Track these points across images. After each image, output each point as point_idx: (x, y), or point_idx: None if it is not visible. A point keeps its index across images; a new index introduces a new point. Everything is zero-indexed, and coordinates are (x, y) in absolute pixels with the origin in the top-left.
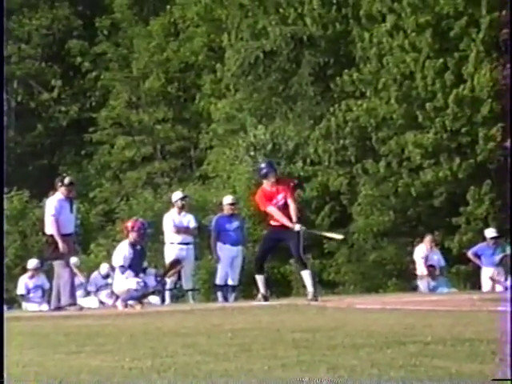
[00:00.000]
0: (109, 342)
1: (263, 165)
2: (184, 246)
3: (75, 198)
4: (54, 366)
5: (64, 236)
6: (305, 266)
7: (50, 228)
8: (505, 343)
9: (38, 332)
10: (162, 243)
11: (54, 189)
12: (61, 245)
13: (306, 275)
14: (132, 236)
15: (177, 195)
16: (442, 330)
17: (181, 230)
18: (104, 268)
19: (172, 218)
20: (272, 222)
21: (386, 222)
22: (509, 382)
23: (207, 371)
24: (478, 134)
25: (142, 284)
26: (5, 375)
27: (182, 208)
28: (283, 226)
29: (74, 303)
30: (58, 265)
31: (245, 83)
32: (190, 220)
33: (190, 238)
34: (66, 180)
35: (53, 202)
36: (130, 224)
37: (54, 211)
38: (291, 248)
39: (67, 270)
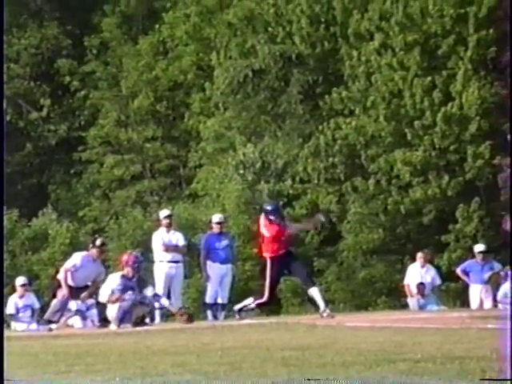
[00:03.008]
0: (98, 361)
1: (269, 208)
2: (173, 264)
3: (106, 258)
4: None
5: (72, 288)
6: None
7: (60, 275)
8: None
9: (27, 352)
10: (152, 262)
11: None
12: (65, 291)
13: (315, 292)
14: (127, 270)
15: (163, 213)
16: (431, 348)
17: (170, 248)
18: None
19: (161, 237)
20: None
21: (375, 239)
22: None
23: None
24: (467, 152)
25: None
26: (5, 375)
27: (168, 226)
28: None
29: (52, 321)
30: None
31: (234, 102)
32: (178, 238)
33: (179, 256)
34: (98, 242)
35: (76, 259)
36: (124, 258)
37: (72, 266)
38: (297, 271)
39: (61, 300)
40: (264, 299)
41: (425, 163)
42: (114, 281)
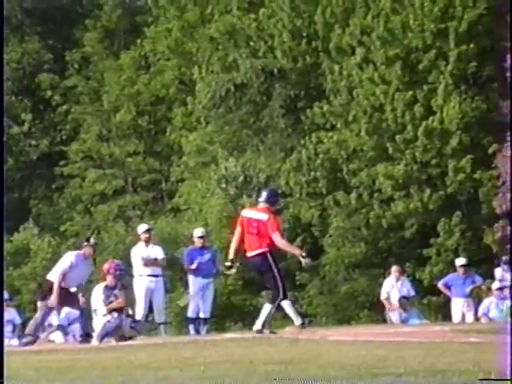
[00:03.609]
0: (80, 376)
1: (273, 194)
2: (153, 279)
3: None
4: None
5: (64, 290)
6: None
7: (54, 277)
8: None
9: (8, 367)
10: (132, 276)
11: (76, 248)
12: (53, 297)
13: (285, 305)
14: (108, 279)
15: (141, 228)
16: (414, 362)
17: (149, 262)
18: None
19: (140, 251)
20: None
21: (357, 253)
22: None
23: None
24: (448, 166)
25: (116, 319)
26: (5, 375)
27: (147, 240)
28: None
29: (32, 336)
30: (40, 304)
31: (216, 116)
32: (157, 252)
33: (159, 270)
34: (92, 240)
35: (70, 258)
36: (105, 267)
37: (68, 266)
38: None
39: (43, 311)
40: (281, 295)
41: (406, 177)
42: (98, 293)
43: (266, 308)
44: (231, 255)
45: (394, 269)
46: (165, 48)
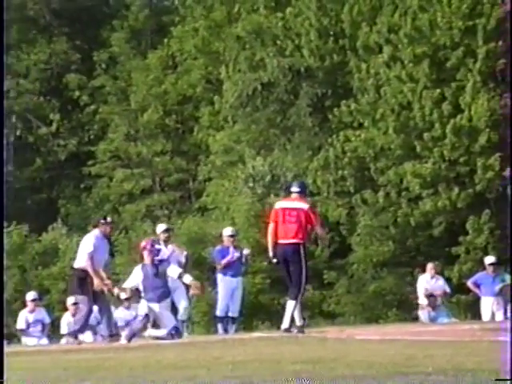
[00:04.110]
0: (109, 375)
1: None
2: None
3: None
4: None
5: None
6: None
7: (83, 263)
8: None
9: (37, 367)
10: None
11: (93, 226)
12: (96, 281)
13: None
14: (146, 257)
15: (160, 228)
16: (443, 361)
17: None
18: None
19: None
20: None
21: (385, 252)
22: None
23: None
24: (477, 164)
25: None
26: (5, 375)
27: (166, 241)
28: None
29: (75, 336)
30: (81, 300)
31: (243, 115)
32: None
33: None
34: (109, 218)
35: (91, 239)
36: (142, 244)
37: (92, 248)
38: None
39: (87, 306)
40: (302, 291)
41: (434, 175)
42: (136, 275)
43: (290, 305)
44: (271, 250)
45: (430, 266)
46: (192, 47)
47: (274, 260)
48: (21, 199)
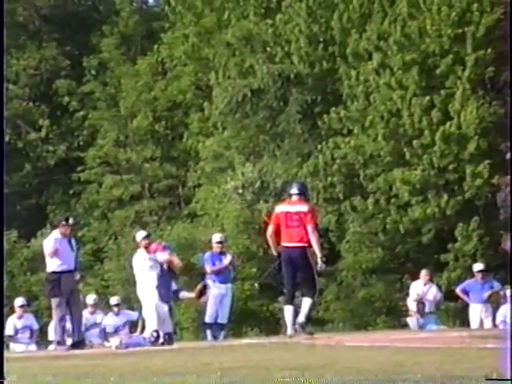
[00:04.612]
0: (98, 382)
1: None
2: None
3: (74, 236)
4: None
5: (64, 273)
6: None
7: (49, 265)
8: None
9: (25, 373)
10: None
11: (53, 227)
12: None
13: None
14: (159, 257)
15: (140, 235)
16: (431, 368)
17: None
18: (90, 307)
19: (142, 257)
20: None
21: (374, 258)
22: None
23: None
24: (466, 171)
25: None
26: (5, 375)
27: (147, 247)
28: None
29: (62, 342)
30: (53, 302)
31: (232, 121)
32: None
33: None
34: (71, 220)
35: (50, 241)
36: (153, 247)
37: (52, 249)
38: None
39: (61, 309)
40: (317, 293)
41: (424, 182)
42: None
43: (307, 302)
44: (274, 251)
45: (424, 273)
46: (181, 54)
47: (277, 261)
48: (10, 205)
